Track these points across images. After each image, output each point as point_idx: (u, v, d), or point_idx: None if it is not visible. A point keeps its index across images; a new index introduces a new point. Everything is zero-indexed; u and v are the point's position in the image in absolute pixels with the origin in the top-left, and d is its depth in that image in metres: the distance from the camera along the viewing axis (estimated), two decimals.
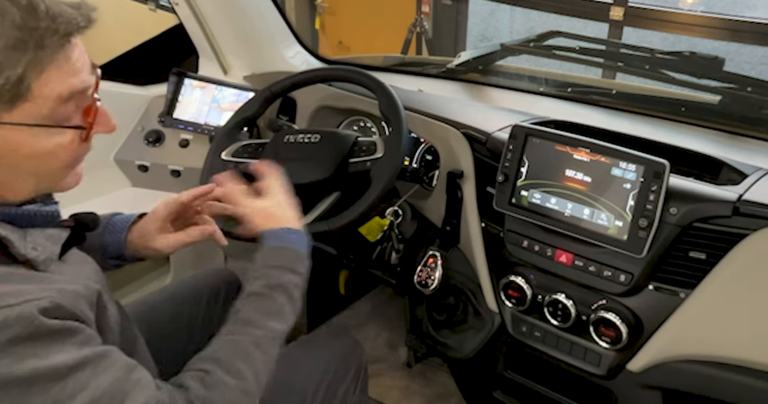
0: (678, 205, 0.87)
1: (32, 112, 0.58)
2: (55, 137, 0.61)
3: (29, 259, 0.60)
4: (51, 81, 0.59)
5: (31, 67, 0.57)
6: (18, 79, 0.56)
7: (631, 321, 0.93)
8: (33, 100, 0.58)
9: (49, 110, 0.59)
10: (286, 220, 0.86)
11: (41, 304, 0.54)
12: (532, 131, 0.99)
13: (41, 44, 0.57)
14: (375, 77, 1.14)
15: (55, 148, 0.61)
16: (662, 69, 1.30)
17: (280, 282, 0.79)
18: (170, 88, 1.46)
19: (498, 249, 1.07)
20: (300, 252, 0.84)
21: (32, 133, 0.59)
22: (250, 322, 0.74)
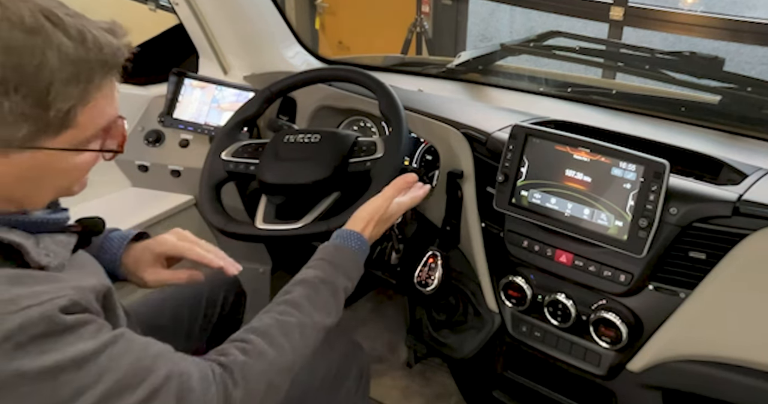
0: (678, 205, 0.87)
1: (74, 137, 0.61)
2: (82, 156, 0.64)
3: (42, 266, 0.61)
4: (95, 110, 0.62)
5: (80, 99, 0.59)
6: (67, 111, 0.59)
7: (631, 321, 0.93)
8: (76, 126, 0.61)
9: (88, 136, 0.63)
10: (360, 227, 0.91)
11: (60, 303, 0.56)
12: (532, 131, 0.99)
13: (91, 78, 0.60)
14: (375, 77, 1.14)
15: (80, 164, 0.65)
16: (662, 69, 1.30)
17: (332, 280, 0.82)
18: (170, 88, 1.46)
19: (498, 249, 1.07)
20: (358, 260, 0.88)
21: (66, 155, 0.62)
22: (298, 306, 0.77)
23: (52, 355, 0.54)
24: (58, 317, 0.55)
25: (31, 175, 0.62)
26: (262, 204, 1.11)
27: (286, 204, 1.09)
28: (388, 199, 0.95)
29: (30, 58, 0.56)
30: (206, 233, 1.55)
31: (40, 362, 0.53)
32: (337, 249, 0.87)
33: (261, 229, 1.06)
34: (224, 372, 0.66)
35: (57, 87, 0.57)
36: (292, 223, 1.03)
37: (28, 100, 0.56)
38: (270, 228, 1.05)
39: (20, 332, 0.53)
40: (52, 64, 0.57)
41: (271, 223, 1.06)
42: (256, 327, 0.73)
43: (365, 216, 0.93)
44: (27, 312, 0.53)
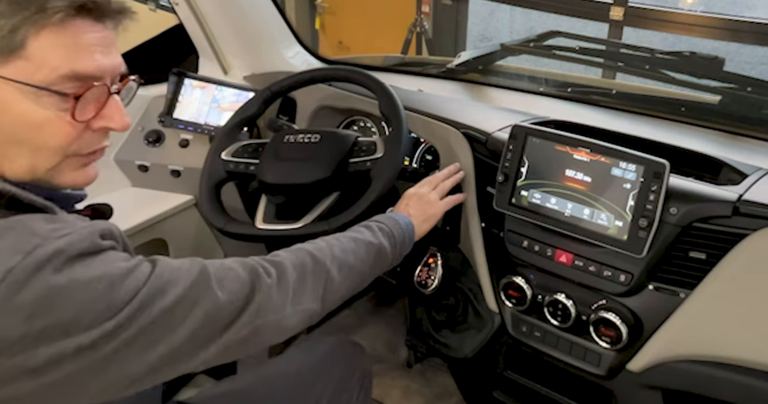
0: (678, 205, 0.87)
1: (26, 72, 0.57)
2: (48, 109, 0.59)
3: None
4: (50, 45, 0.58)
5: (28, 22, 0.57)
6: (12, 29, 0.56)
7: (631, 321, 0.93)
8: (27, 59, 0.57)
9: (44, 79, 0.58)
10: (398, 208, 1.00)
11: (100, 226, 0.59)
12: (532, 131, 0.99)
13: (43, 7, 0.57)
14: (375, 77, 1.14)
15: (46, 120, 0.60)
16: (662, 69, 1.30)
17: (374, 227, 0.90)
18: (170, 88, 1.45)
19: (498, 249, 1.07)
20: (408, 234, 0.95)
21: (22, 93, 0.58)
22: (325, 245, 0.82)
23: (99, 267, 0.57)
24: (96, 238, 0.58)
25: None
26: (262, 204, 1.11)
27: (286, 204, 1.09)
28: (427, 184, 1.04)
29: None
30: (206, 233, 1.55)
31: (90, 272, 0.56)
32: (389, 219, 0.95)
33: (261, 229, 1.06)
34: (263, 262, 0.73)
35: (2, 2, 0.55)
36: (292, 223, 1.03)
37: None
38: (270, 228, 1.05)
39: (69, 248, 0.55)
40: None
41: (271, 223, 1.06)
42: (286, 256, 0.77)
43: (402, 200, 1.02)
44: (70, 237, 0.56)
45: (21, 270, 0.52)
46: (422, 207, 1.01)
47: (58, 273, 0.54)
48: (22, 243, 0.54)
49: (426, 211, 1.01)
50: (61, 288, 0.54)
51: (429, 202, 1.02)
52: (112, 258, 0.59)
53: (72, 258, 0.55)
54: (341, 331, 1.85)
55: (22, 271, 0.52)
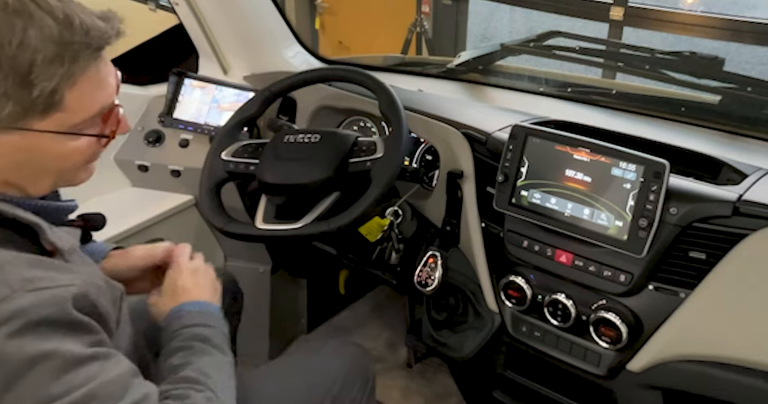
0: (678, 205, 0.87)
1: (63, 121, 0.62)
2: (76, 142, 0.65)
3: (57, 248, 0.64)
4: (83, 93, 0.62)
5: (64, 79, 0.60)
6: (52, 91, 0.59)
7: (631, 321, 0.93)
8: (65, 110, 0.61)
9: (79, 121, 0.63)
10: (191, 297, 0.84)
11: (72, 291, 0.58)
12: (532, 131, 0.99)
13: (75, 58, 0.60)
14: (375, 77, 1.14)
15: (73, 151, 0.65)
16: (662, 69, 1.30)
17: (190, 335, 0.78)
18: (170, 88, 1.45)
19: (498, 249, 1.07)
20: (200, 311, 0.82)
21: (58, 139, 0.63)
22: (179, 366, 0.73)
23: (51, 344, 0.56)
24: (67, 306, 0.57)
25: (25, 158, 0.63)
26: (262, 204, 1.11)
27: (286, 204, 1.09)
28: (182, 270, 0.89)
29: (10, 36, 0.57)
30: (206, 233, 1.55)
31: (40, 346, 0.55)
32: (168, 324, 0.81)
33: (261, 229, 1.05)
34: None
35: (39, 66, 0.58)
36: (292, 223, 1.03)
37: (9, 78, 0.57)
38: (270, 228, 1.05)
39: (31, 310, 0.54)
40: (34, 44, 0.57)
41: (271, 223, 1.06)
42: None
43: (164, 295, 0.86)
44: (41, 294, 0.56)
45: None
46: (200, 282, 0.88)
47: (8, 339, 0.53)
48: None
49: (207, 284, 0.88)
50: (4, 357, 0.53)
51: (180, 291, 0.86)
52: (70, 338, 0.57)
53: (30, 325, 0.54)
54: (341, 331, 1.85)
55: None
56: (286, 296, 1.74)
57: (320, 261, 1.59)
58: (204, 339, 0.77)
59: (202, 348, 0.76)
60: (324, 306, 1.86)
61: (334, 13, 3.37)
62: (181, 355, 0.75)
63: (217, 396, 0.70)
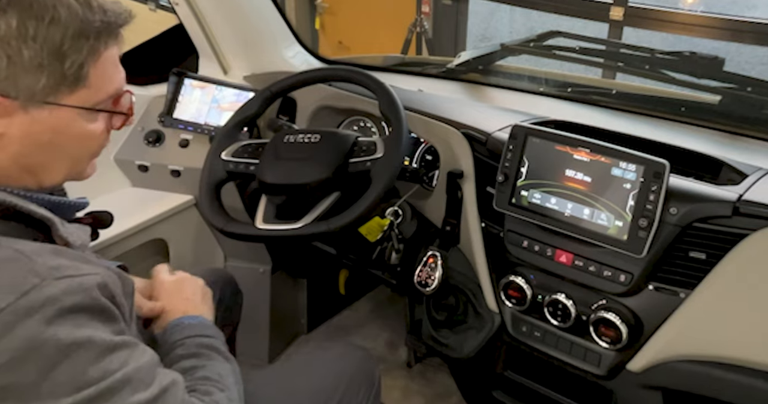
0: (678, 205, 0.87)
1: (87, 97, 0.65)
2: (94, 123, 0.67)
3: (69, 243, 0.64)
4: (104, 71, 0.65)
5: (90, 54, 0.63)
6: (80, 65, 0.63)
7: (631, 321, 0.93)
8: (89, 86, 0.65)
9: (99, 100, 0.66)
10: (186, 312, 0.86)
11: (96, 279, 0.60)
12: (532, 131, 0.99)
13: (99, 35, 0.64)
14: (375, 77, 1.14)
15: (91, 134, 0.67)
16: (662, 69, 1.30)
17: (196, 344, 0.80)
18: (170, 88, 1.45)
19: (498, 249, 1.07)
20: (193, 324, 0.84)
21: (82, 116, 0.65)
22: (191, 368, 0.75)
23: (86, 330, 0.57)
24: (95, 292, 0.59)
25: (48, 139, 0.64)
26: (262, 204, 1.11)
27: (286, 204, 1.09)
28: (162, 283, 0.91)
29: (43, 12, 0.60)
30: (206, 233, 1.55)
31: (75, 333, 0.56)
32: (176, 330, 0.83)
33: (261, 229, 1.05)
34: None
35: (69, 39, 0.62)
36: (292, 223, 1.03)
37: (45, 49, 0.60)
38: (270, 228, 1.05)
39: (64, 297, 0.55)
40: (63, 19, 0.61)
41: (271, 223, 1.06)
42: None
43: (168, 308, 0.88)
44: (69, 281, 0.57)
45: (11, 313, 0.53)
46: (192, 297, 0.89)
47: (45, 325, 0.54)
48: (19, 280, 0.55)
49: (197, 296, 0.90)
50: (41, 344, 0.54)
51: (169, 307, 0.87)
52: (100, 325, 0.59)
53: (64, 312, 0.55)
54: (341, 331, 1.85)
55: (11, 314, 0.53)
56: (286, 296, 1.74)
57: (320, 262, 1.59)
58: (209, 346, 0.80)
59: (210, 355, 0.78)
60: (324, 306, 1.86)
61: (334, 13, 3.37)
62: (193, 360, 0.77)
63: (235, 398, 0.73)
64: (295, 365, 1.02)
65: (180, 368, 0.75)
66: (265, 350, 1.68)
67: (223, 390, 0.72)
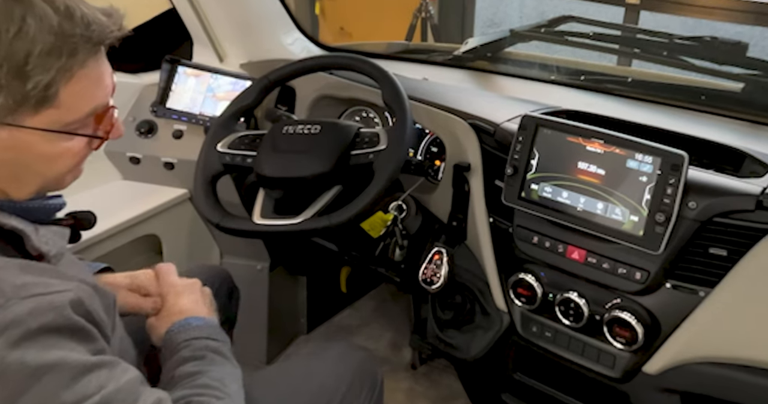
0: (697, 199, 0.87)
1: (56, 118, 0.61)
2: (66, 143, 0.64)
3: (43, 253, 0.63)
4: (79, 90, 0.61)
5: (61, 73, 0.59)
6: (47, 85, 0.59)
7: (647, 321, 0.92)
8: (58, 106, 0.60)
9: (71, 120, 0.62)
10: (183, 313, 0.84)
11: (68, 296, 0.58)
12: (543, 121, 0.99)
13: (74, 52, 0.59)
14: (378, 65, 1.13)
15: (63, 153, 0.64)
16: (681, 55, 1.30)
17: (201, 346, 0.79)
18: (163, 77, 1.45)
19: (507, 245, 1.07)
20: (200, 325, 0.82)
21: (48, 137, 0.62)
22: (194, 373, 0.74)
23: (56, 352, 0.55)
24: (67, 311, 0.57)
25: (12, 157, 0.61)
26: (260, 198, 1.11)
27: (285, 199, 1.09)
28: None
29: (8, 24, 0.56)
30: (201, 228, 1.55)
31: (43, 357, 0.54)
32: (180, 331, 0.82)
33: (259, 225, 1.06)
34: None
35: (36, 57, 0.57)
36: (291, 218, 1.03)
37: (4, 68, 0.57)
38: (268, 224, 1.05)
39: (30, 319, 0.54)
40: (32, 33, 0.57)
41: (270, 218, 1.06)
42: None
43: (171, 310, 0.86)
44: (37, 300, 0.55)
45: None
46: (198, 299, 0.88)
47: (9, 349, 0.53)
48: None
49: (205, 300, 0.89)
50: (5, 369, 0.52)
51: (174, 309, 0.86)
52: (75, 345, 0.57)
53: (31, 333, 0.54)
54: (342, 331, 1.85)
55: None
56: (285, 294, 1.75)
57: (320, 258, 1.60)
58: (215, 350, 0.79)
59: (214, 359, 0.77)
60: (324, 305, 1.87)
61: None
62: (196, 364, 0.75)
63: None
64: (294, 366, 1.02)
65: (182, 373, 0.74)
66: (263, 350, 1.68)
67: (222, 398, 0.71)
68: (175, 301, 0.86)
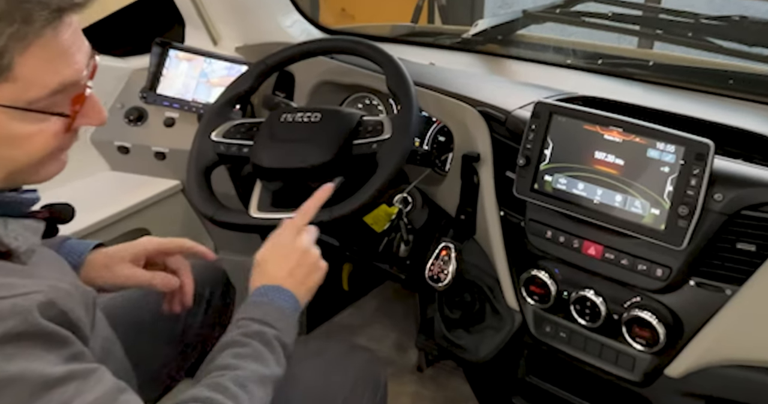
0: (723, 191, 0.86)
1: (14, 94, 0.59)
2: (35, 124, 0.61)
3: (11, 249, 0.61)
4: (38, 63, 0.59)
5: (14, 41, 0.57)
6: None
7: (669, 321, 0.92)
8: (15, 81, 0.58)
9: (33, 97, 0.60)
10: (277, 279, 0.85)
11: (37, 298, 0.56)
12: (558, 108, 0.98)
13: (28, 19, 0.57)
14: (382, 49, 1.14)
15: (34, 134, 0.62)
16: (708, 36, 1.29)
17: (256, 330, 0.78)
18: (153, 61, 1.45)
19: (518, 240, 1.07)
20: (282, 308, 0.82)
21: (12, 115, 0.59)
22: (227, 367, 0.73)
23: (18, 362, 0.53)
24: (32, 316, 0.55)
25: None
26: (257, 190, 1.11)
27: (284, 191, 1.10)
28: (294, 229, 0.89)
29: None
30: (194, 222, 1.56)
31: (3, 368, 0.53)
32: (251, 305, 0.83)
33: (256, 218, 1.06)
34: None
35: None
36: (290, 212, 1.02)
37: None
38: (265, 217, 1.05)
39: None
40: None
41: (267, 211, 1.07)
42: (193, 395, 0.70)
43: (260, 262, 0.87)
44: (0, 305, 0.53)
45: None
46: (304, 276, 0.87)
47: None
48: None
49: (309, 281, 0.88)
50: None
51: (311, 268, 0.88)
52: (43, 353, 0.55)
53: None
54: (344, 331, 1.85)
55: None
56: None
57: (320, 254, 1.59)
58: (265, 340, 0.77)
59: (258, 352, 0.75)
60: (325, 303, 1.87)
61: None
62: (235, 352, 0.74)
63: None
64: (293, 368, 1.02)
65: (216, 364, 0.73)
66: None
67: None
68: (273, 262, 0.86)
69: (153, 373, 1.01)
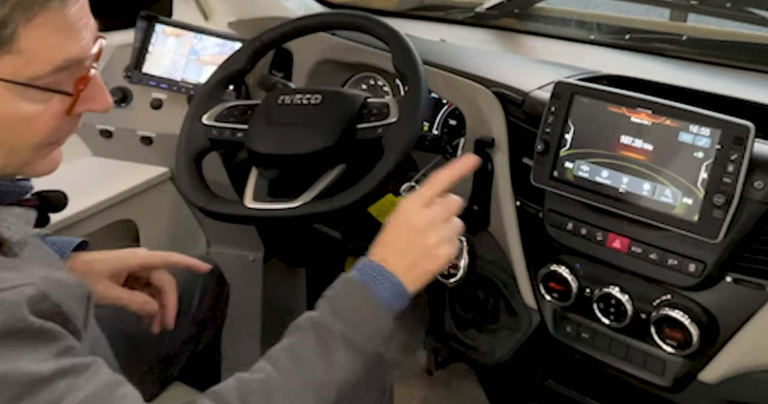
0: (765, 178, 0.85)
1: (15, 67, 0.59)
2: (36, 104, 0.62)
3: (4, 240, 0.62)
4: (44, 36, 0.59)
5: (19, 10, 0.57)
6: (2, 21, 0.57)
7: (703, 321, 0.92)
8: (18, 53, 0.59)
9: (36, 73, 0.60)
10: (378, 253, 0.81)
11: (27, 292, 0.57)
12: (580, 89, 0.98)
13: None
14: (388, 24, 1.13)
15: (32, 117, 0.62)
16: (748, 6, 1.28)
17: (323, 322, 0.77)
18: (138, 36, 1.45)
19: (536, 232, 1.07)
20: (371, 297, 0.80)
21: (12, 91, 0.60)
22: (272, 358, 0.74)
23: (4, 361, 0.54)
24: (20, 311, 0.56)
25: None
26: (252, 178, 1.11)
27: (281, 179, 1.10)
28: (423, 200, 0.81)
29: None
30: (184, 213, 1.56)
31: None
32: (343, 283, 0.80)
33: (251, 209, 1.06)
34: None
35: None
36: (288, 202, 1.04)
37: None
38: (262, 208, 1.05)
39: None
40: None
41: (263, 202, 1.07)
42: (219, 389, 0.70)
43: (385, 237, 0.82)
44: None
45: None
46: (419, 258, 0.81)
47: None
48: None
49: (424, 266, 0.81)
50: None
51: (428, 250, 0.81)
52: (30, 351, 0.56)
53: None
54: None
55: None
56: (281, 289, 1.76)
57: (322, 248, 1.60)
58: (323, 337, 0.75)
59: (308, 356, 0.74)
60: None
61: None
62: (285, 349, 0.74)
63: None
64: None
65: (257, 366, 0.72)
66: (256, 352, 1.70)
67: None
68: (393, 241, 0.81)
69: (141, 375, 1.02)
